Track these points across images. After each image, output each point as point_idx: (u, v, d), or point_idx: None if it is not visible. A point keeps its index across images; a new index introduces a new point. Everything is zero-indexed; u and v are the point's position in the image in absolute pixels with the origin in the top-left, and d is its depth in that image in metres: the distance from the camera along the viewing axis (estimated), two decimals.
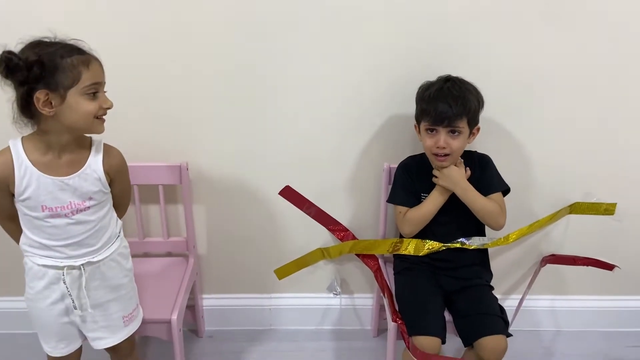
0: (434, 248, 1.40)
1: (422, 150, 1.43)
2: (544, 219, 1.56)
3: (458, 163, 1.36)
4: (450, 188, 1.35)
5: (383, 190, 1.54)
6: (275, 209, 1.60)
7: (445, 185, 1.35)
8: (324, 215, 1.60)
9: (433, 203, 1.38)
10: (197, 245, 1.63)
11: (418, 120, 1.36)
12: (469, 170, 1.36)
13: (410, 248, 1.43)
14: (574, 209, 1.61)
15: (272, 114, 1.49)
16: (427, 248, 1.41)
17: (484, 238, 1.42)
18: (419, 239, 1.42)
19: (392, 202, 1.45)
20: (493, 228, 1.37)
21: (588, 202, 1.59)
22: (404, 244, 1.44)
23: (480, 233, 1.43)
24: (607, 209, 1.59)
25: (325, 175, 1.58)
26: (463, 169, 1.36)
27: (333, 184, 1.59)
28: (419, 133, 1.37)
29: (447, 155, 1.32)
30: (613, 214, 1.60)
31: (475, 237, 1.41)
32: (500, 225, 1.36)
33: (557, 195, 1.59)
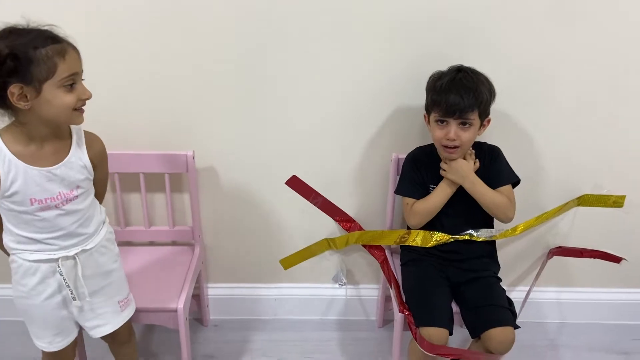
0: (442, 240, 1.39)
1: (431, 141, 1.42)
2: (552, 211, 1.55)
3: (468, 154, 1.35)
4: (459, 182, 1.34)
5: (391, 181, 1.52)
6: (282, 199, 1.59)
7: (453, 179, 1.34)
8: (331, 206, 1.59)
9: (441, 195, 1.36)
10: (202, 235, 1.62)
11: (428, 111, 1.34)
12: (478, 162, 1.35)
13: (418, 240, 1.42)
14: (583, 201, 1.60)
15: (279, 103, 1.48)
16: (434, 240, 1.40)
17: (492, 230, 1.41)
18: (427, 231, 1.41)
19: (399, 193, 1.44)
20: (502, 221, 1.36)
21: (597, 194, 1.58)
22: (412, 236, 1.43)
23: (488, 225, 1.42)
24: (615, 202, 1.58)
25: (333, 165, 1.56)
26: (472, 162, 1.34)
27: (340, 174, 1.58)
28: (429, 124, 1.35)
29: (456, 148, 1.30)
30: (622, 207, 1.58)
31: (484, 229, 1.40)
32: (509, 218, 1.35)
33: (565, 187, 1.58)
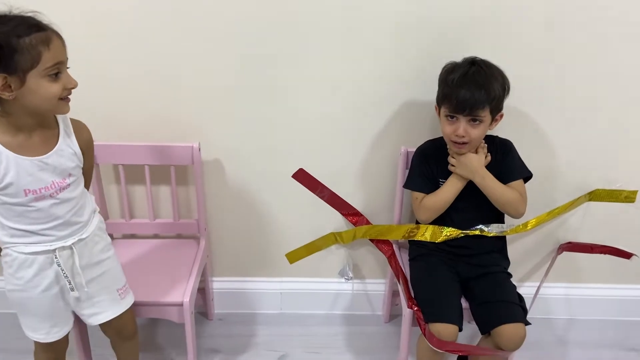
0: (452, 235, 1.37)
1: (440, 134, 1.39)
2: (564, 206, 1.53)
3: (479, 148, 1.32)
4: (469, 176, 1.31)
5: (399, 175, 1.50)
6: (288, 192, 1.57)
7: (463, 174, 1.32)
8: (338, 199, 1.57)
9: (451, 190, 1.34)
10: (207, 227, 1.60)
11: (439, 104, 1.32)
12: (489, 156, 1.32)
13: (427, 234, 1.40)
14: (594, 196, 1.57)
15: (286, 95, 1.45)
16: (444, 235, 1.38)
17: (503, 225, 1.39)
18: (436, 226, 1.39)
19: (408, 187, 1.42)
20: (513, 217, 1.34)
21: (608, 189, 1.56)
22: (420, 230, 1.41)
23: (499, 220, 1.39)
24: (627, 197, 1.56)
25: (340, 158, 1.54)
26: (482, 156, 1.31)
27: (348, 168, 1.56)
28: (439, 116, 1.33)
29: (465, 143, 1.28)
30: (634, 202, 1.56)
31: (494, 224, 1.38)
32: (521, 214, 1.32)
33: (577, 182, 1.56)
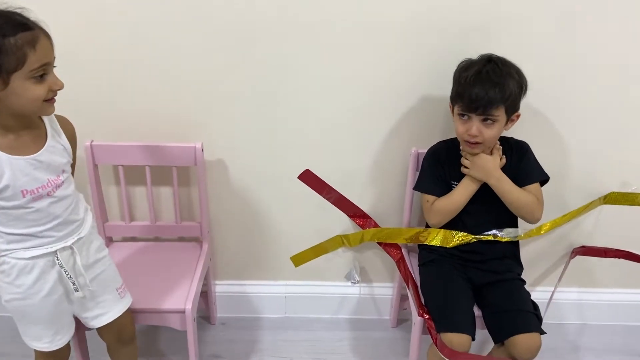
0: (464, 240, 1.32)
1: (453, 135, 1.34)
2: (578, 209, 1.48)
3: (494, 149, 1.27)
4: (483, 179, 1.26)
5: (409, 177, 1.45)
6: (294, 194, 1.52)
7: (477, 176, 1.27)
8: (345, 202, 1.52)
9: (464, 192, 1.29)
10: (210, 230, 1.56)
11: (452, 102, 1.26)
12: (505, 158, 1.27)
13: (438, 239, 1.35)
14: (608, 199, 1.53)
15: (293, 94, 1.40)
16: (456, 240, 1.33)
17: (517, 230, 1.34)
18: (448, 230, 1.34)
19: (419, 189, 1.37)
20: (528, 221, 1.29)
21: (623, 192, 1.51)
22: (431, 234, 1.36)
23: (513, 224, 1.34)
24: None
25: (348, 160, 1.49)
26: (497, 158, 1.26)
27: (356, 169, 1.50)
28: (453, 115, 1.27)
29: (478, 143, 1.23)
30: None
31: (507, 228, 1.33)
32: (537, 219, 1.28)
33: (592, 185, 1.51)
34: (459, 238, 1.33)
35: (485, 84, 1.17)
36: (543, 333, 1.22)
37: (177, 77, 1.36)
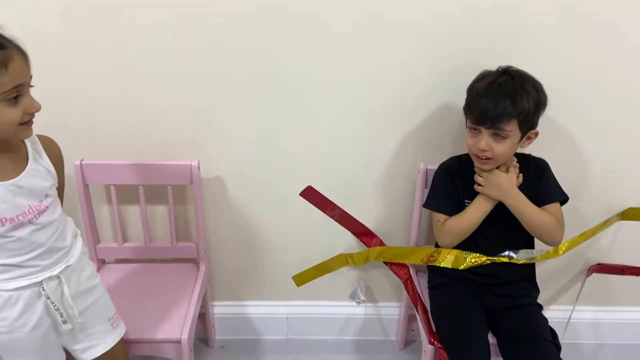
0: (477, 262, 1.24)
1: (463, 151, 1.27)
2: (596, 227, 1.40)
3: (511, 167, 1.20)
4: (499, 198, 1.19)
5: (418, 194, 1.38)
6: (295, 211, 1.45)
7: (493, 195, 1.19)
8: (349, 219, 1.45)
9: (477, 212, 1.21)
10: (208, 249, 1.48)
11: (465, 114, 1.19)
12: (522, 177, 1.20)
13: (449, 260, 1.28)
14: (626, 215, 1.46)
15: (295, 108, 1.33)
16: (468, 261, 1.25)
17: (533, 251, 1.26)
18: (459, 250, 1.27)
19: (429, 207, 1.29)
20: (548, 244, 1.21)
21: None
22: (442, 255, 1.29)
23: (528, 245, 1.27)
24: None
25: (352, 176, 1.42)
26: (514, 175, 1.19)
27: (360, 186, 1.43)
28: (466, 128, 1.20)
29: (488, 159, 1.15)
30: None
31: (522, 249, 1.26)
32: (557, 241, 1.20)
33: (610, 200, 1.44)
34: (472, 259, 1.25)
35: (496, 96, 1.10)
36: None
37: (173, 93, 1.29)
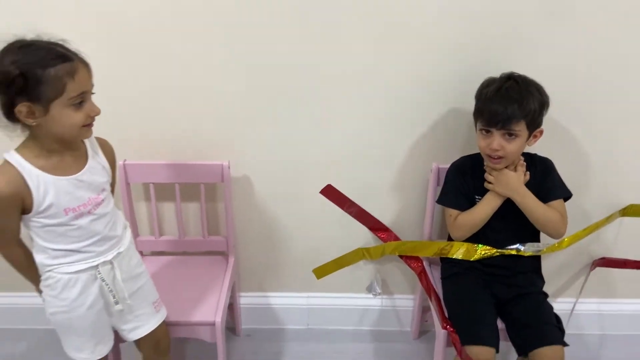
0: (487, 254, 1.35)
1: (474, 151, 1.37)
2: (598, 223, 1.50)
3: (519, 166, 1.30)
4: (507, 194, 1.29)
5: (430, 192, 1.48)
6: (316, 208, 1.56)
7: (502, 192, 1.30)
8: (366, 215, 1.55)
9: (487, 208, 1.32)
10: (235, 244, 1.60)
11: (475, 118, 1.30)
12: (529, 174, 1.30)
13: (461, 252, 1.38)
14: (627, 212, 1.54)
15: (316, 111, 1.44)
16: (479, 253, 1.35)
17: (539, 244, 1.36)
18: (470, 243, 1.37)
19: (442, 203, 1.40)
20: (552, 237, 1.32)
21: None
22: (454, 248, 1.39)
23: (535, 238, 1.37)
24: None
25: (369, 174, 1.53)
26: (521, 174, 1.29)
27: (377, 183, 1.54)
28: (477, 131, 1.31)
29: (500, 158, 1.26)
30: None
31: (529, 243, 1.35)
32: (561, 235, 1.30)
33: (612, 197, 1.53)
34: (482, 252, 1.35)
35: (504, 100, 1.21)
36: (566, 345, 1.24)
37: (205, 100, 1.41)
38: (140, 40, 1.34)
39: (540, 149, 1.37)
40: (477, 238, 1.36)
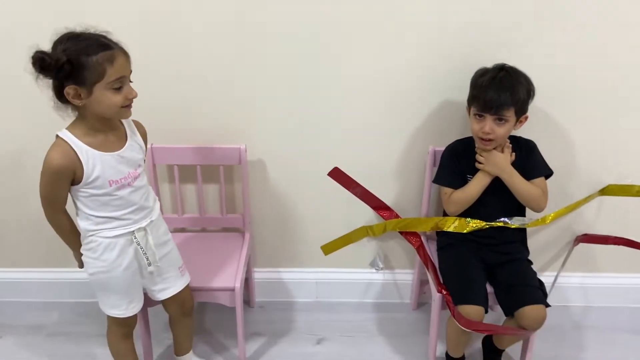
0: (477, 226, 1.50)
1: (466, 135, 1.52)
2: (579, 201, 1.65)
3: (505, 147, 1.45)
4: (496, 173, 1.44)
5: (427, 173, 1.63)
6: (323, 189, 1.70)
7: (491, 171, 1.44)
8: (370, 196, 1.68)
9: (478, 185, 1.47)
10: (251, 222, 1.75)
11: (469, 104, 1.45)
12: (514, 155, 1.45)
13: (454, 226, 1.53)
14: (606, 191, 1.68)
15: (323, 103, 1.59)
16: (470, 226, 1.51)
17: (524, 218, 1.51)
18: (462, 217, 1.52)
19: (438, 182, 1.55)
20: (535, 211, 1.47)
21: (620, 184, 1.67)
22: (448, 222, 1.54)
23: (521, 213, 1.52)
24: (639, 191, 1.67)
25: (373, 157, 1.67)
26: (509, 155, 1.44)
27: (379, 166, 1.69)
28: (469, 115, 1.46)
29: (491, 140, 1.41)
30: None
31: (516, 217, 1.51)
32: (542, 209, 1.45)
33: (593, 178, 1.67)
34: (474, 224, 1.50)
35: (499, 89, 1.36)
36: (548, 306, 1.39)
37: (225, 89, 1.57)
38: (165, 31, 1.50)
39: (528, 134, 1.52)
40: (469, 213, 1.51)
